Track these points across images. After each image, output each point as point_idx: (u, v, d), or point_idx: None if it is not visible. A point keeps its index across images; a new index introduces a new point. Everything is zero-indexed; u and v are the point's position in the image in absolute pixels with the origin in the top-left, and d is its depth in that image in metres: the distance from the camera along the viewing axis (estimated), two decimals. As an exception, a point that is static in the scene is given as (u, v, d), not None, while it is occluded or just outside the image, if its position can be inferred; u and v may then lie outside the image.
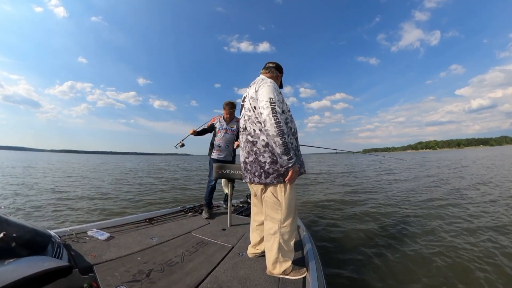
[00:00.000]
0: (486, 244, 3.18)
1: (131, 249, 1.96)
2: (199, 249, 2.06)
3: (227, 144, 3.21)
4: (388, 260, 2.84)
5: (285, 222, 1.62)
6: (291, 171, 1.51)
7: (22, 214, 4.95)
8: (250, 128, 1.67)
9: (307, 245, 2.07)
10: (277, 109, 1.46)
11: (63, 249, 1.63)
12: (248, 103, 1.69)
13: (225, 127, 3.20)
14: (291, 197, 1.61)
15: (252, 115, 1.66)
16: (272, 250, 1.63)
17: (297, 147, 1.70)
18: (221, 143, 3.19)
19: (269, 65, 1.87)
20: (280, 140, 1.43)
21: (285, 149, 1.44)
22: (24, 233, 1.46)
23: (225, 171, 2.73)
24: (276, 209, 1.62)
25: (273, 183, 1.59)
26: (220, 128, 3.20)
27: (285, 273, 1.61)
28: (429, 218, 4.39)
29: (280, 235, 1.61)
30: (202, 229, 2.60)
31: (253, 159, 1.65)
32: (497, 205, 5.15)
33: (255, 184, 1.69)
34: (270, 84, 1.60)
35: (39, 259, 1.34)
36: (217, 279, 1.57)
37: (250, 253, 1.95)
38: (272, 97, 1.50)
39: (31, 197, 6.65)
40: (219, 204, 3.74)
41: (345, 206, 5.61)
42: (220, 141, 3.18)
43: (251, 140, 1.66)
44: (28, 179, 10.79)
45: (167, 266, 1.72)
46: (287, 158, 1.46)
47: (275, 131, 1.43)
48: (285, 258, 1.62)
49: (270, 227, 1.65)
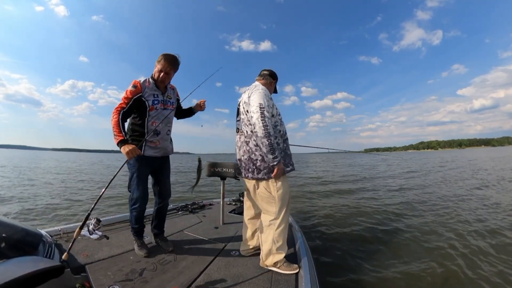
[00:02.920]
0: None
1: (124, 248, 1.97)
2: (192, 247, 2.08)
3: (168, 128, 2.07)
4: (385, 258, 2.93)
5: (279, 214, 1.75)
6: (276, 168, 1.66)
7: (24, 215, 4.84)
8: (244, 129, 1.83)
9: (299, 242, 2.12)
10: (265, 114, 1.64)
11: (54, 249, 1.62)
12: (242, 107, 1.85)
13: (162, 99, 1.98)
14: (283, 190, 1.76)
15: (245, 118, 1.82)
16: (266, 242, 1.75)
17: (285, 148, 1.86)
18: (159, 129, 1.96)
19: (264, 72, 2.02)
20: (267, 141, 1.60)
21: (270, 149, 1.61)
22: (14, 233, 1.44)
23: (217, 169, 2.74)
24: (270, 202, 1.77)
25: (265, 178, 1.75)
26: (154, 102, 1.92)
27: (276, 265, 1.72)
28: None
29: (275, 227, 1.74)
30: (195, 227, 2.61)
31: (247, 157, 1.82)
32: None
33: (249, 179, 1.85)
34: (262, 91, 1.77)
35: (30, 260, 1.33)
36: (210, 277, 1.59)
37: (242, 251, 2.00)
38: (262, 103, 1.67)
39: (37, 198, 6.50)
40: (212, 202, 3.75)
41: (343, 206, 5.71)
42: (156, 124, 1.93)
43: (245, 141, 1.83)
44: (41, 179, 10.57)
45: (160, 264, 1.73)
46: (272, 157, 1.62)
47: (263, 133, 1.60)
48: (278, 251, 1.72)
49: (265, 219, 1.80)
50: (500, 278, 2.40)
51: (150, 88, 1.92)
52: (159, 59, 1.91)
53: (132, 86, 1.86)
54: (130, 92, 1.84)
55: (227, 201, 3.82)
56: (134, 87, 1.86)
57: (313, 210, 5.17)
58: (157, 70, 1.93)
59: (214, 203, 3.72)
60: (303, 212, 5.02)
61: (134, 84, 1.87)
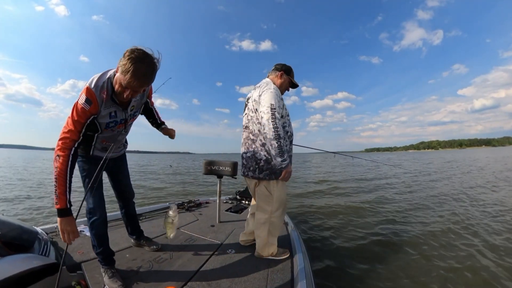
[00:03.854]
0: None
1: (119, 246, 1.97)
2: (188, 245, 2.08)
3: (123, 142, 1.75)
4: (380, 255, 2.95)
5: (275, 213, 1.83)
6: (285, 171, 1.65)
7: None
8: (252, 127, 1.82)
9: (295, 242, 2.14)
10: (276, 115, 1.60)
11: (50, 246, 1.62)
12: (252, 104, 1.81)
13: (123, 118, 1.44)
14: (282, 192, 1.82)
15: (254, 116, 1.79)
16: (261, 237, 1.84)
17: (290, 149, 1.87)
18: (110, 145, 1.51)
19: (277, 66, 1.92)
20: (276, 144, 1.57)
21: (279, 151, 1.57)
22: (9, 231, 1.44)
23: (214, 168, 2.75)
24: (268, 201, 1.82)
25: (266, 179, 1.78)
26: (110, 125, 1.39)
27: (272, 255, 1.86)
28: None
29: (269, 225, 1.83)
30: (191, 225, 2.62)
31: (250, 155, 1.82)
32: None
33: (249, 178, 1.88)
34: (273, 91, 1.70)
35: (25, 257, 1.33)
36: (206, 276, 1.60)
37: (241, 241, 2.11)
38: (273, 103, 1.62)
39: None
40: (209, 200, 3.77)
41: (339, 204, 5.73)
42: (108, 143, 1.51)
43: (251, 138, 1.82)
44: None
45: (155, 263, 1.74)
46: (281, 160, 1.59)
47: (273, 135, 1.56)
48: (271, 243, 1.86)
49: (260, 217, 1.86)
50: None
51: (106, 103, 1.28)
52: (124, 68, 1.13)
53: (86, 101, 1.20)
54: (83, 113, 1.20)
55: (224, 199, 3.83)
56: (88, 104, 1.20)
57: (313, 210, 5.18)
58: (119, 84, 1.20)
59: (210, 201, 3.72)
60: (303, 212, 5.04)
61: (87, 96, 1.20)
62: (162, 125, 1.89)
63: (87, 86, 1.21)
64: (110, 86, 1.27)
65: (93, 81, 1.23)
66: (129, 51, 1.13)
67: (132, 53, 1.12)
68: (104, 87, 1.25)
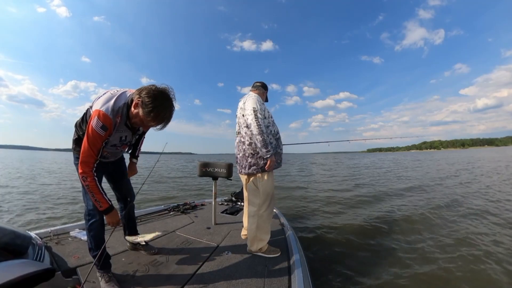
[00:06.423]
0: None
1: (115, 250, 1.96)
2: (184, 248, 2.09)
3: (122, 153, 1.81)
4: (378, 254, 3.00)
5: (263, 206, 2.03)
6: (269, 160, 1.95)
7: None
8: (242, 131, 2.10)
9: (291, 241, 2.16)
10: (258, 115, 1.94)
11: (44, 251, 1.60)
12: (239, 112, 2.16)
13: (130, 140, 1.59)
14: (267, 185, 2.04)
15: (241, 121, 2.10)
16: (251, 230, 2.02)
17: (277, 146, 2.13)
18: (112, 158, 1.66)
19: (256, 84, 2.33)
20: (260, 137, 1.90)
21: (264, 144, 1.90)
22: (2, 236, 1.42)
23: (209, 169, 2.77)
24: (255, 195, 2.05)
25: (254, 173, 2.04)
26: (117, 145, 1.53)
27: (261, 251, 2.01)
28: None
29: (258, 217, 2.02)
30: (187, 228, 2.62)
31: (242, 155, 2.10)
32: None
33: (243, 174, 2.14)
34: (254, 97, 2.06)
35: (19, 263, 1.31)
36: (203, 278, 1.60)
37: (243, 235, 2.36)
38: (255, 107, 1.97)
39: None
40: (204, 202, 3.76)
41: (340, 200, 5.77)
42: (108, 155, 1.57)
43: (242, 141, 2.10)
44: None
45: (152, 266, 1.74)
46: (265, 151, 1.92)
47: (257, 131, 1.90)
48: (261, 238, 2.01)
49: (250, 210, 2.08)
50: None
51: (119, 127, 1.39)
52: (147, 109, 1.25)
53: (102, 127, 1.28)
54: (100, 138, 1.30)
55: (219, 201, 3.82)
56: (104, 130, 1.29)
57: (313, 210, 5.21)
58: (139, 119, 1.32)
59: (206, 203, 3.71)
60: (302, 213, 5.07)
61: (104, 123, 1.28)
62: (135, 158, 1.92)
63: (102, 112, 1.29)
64: (126, 112, 1.37)
65: (109, 106, 1.31)
66: (152, 91, 1.26)
67: (155, 97, 1.25)
68: (119, 112, 1.35)
